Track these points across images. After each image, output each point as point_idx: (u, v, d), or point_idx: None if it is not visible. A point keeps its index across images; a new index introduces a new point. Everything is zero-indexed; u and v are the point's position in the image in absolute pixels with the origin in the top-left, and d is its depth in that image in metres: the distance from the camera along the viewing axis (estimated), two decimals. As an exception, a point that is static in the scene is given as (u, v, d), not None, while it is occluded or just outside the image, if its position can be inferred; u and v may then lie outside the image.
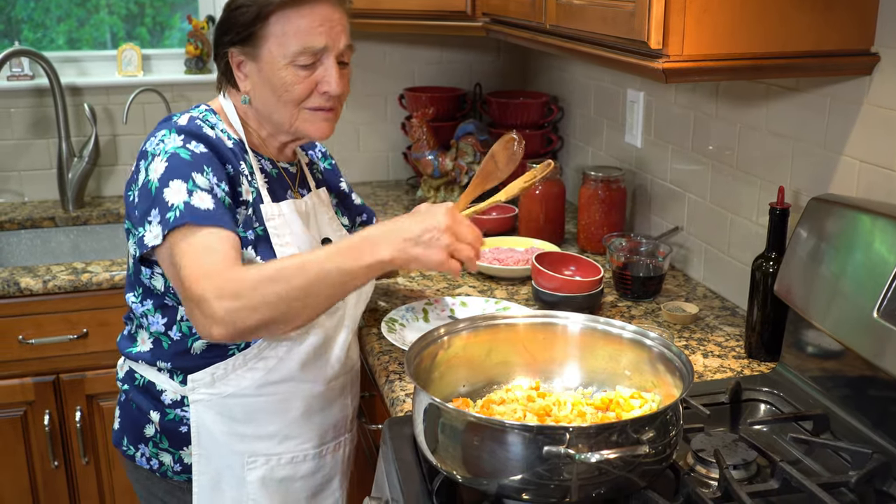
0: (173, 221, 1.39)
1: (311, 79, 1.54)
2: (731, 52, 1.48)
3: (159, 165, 1.45)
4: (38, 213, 2.88)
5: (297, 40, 1.50)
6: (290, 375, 1.59)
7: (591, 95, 2.76)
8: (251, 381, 1.57)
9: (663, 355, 1.39)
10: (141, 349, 1.62)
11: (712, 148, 2.09)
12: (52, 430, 2.44)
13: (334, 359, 1.66)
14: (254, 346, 1.55)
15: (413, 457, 1.40)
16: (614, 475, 1.19)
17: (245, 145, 1.59)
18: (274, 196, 1.60)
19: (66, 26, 3.10)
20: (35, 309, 2.37)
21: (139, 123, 2.99)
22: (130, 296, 1.62)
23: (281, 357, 1.58)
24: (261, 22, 1.51)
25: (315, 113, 1.58)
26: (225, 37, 1.56)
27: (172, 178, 1.43)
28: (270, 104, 1.57)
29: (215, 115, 1.59)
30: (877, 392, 1.45)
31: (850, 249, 1.49)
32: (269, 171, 1.64)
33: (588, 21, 1.69)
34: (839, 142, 1.67)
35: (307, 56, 1.52)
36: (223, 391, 1.57)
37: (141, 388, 1.63)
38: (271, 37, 1.51)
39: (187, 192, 1.41)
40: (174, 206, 1.40)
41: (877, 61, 1.55)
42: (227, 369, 1.56)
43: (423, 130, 2.83)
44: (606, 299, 2.09)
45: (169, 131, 1.50)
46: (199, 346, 1.56)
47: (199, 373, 1.56)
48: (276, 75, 1.52)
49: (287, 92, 1.53)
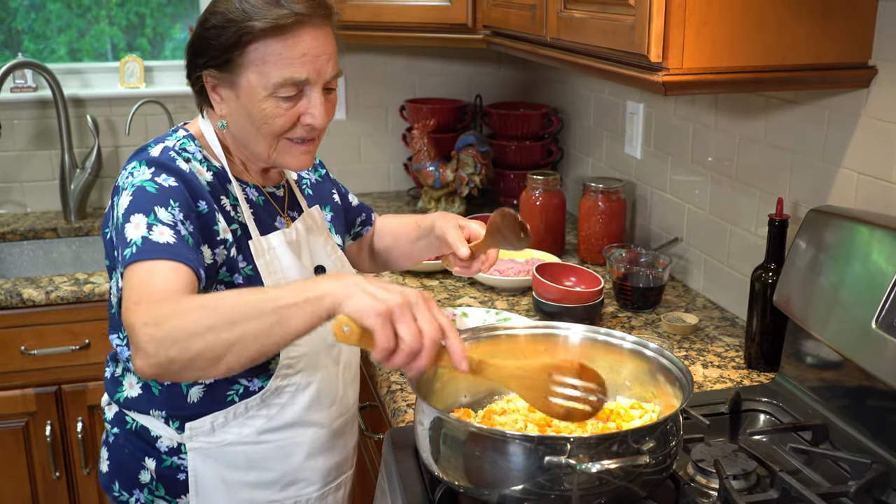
0: (129, 258, 1.27)
1: (294, 110, 1.41)
2: (730, 65, 1.49)
3: (125, 200, 1.33)
4: (41, 223, 2.89)
5: (279, 71, 1.37)
6: (294, 421, 1.51)
7: (591, 107, 2.78)
8: (253, 428, 1.48)
9: (663, 366, 1.39)
10: (129, 394, 1.51)
11: (711, 159, 2.11)
12: (53, 440, 2.44)
13: (338, 400, 1.58)
14: (257, 396, 1.46)
15: (415, 467, 1.41)
16: (615, 485, 1.19)
17: (228, 173, 1.47)
18: (262, 227, 1.49)
19: (66, 37, 3.12)
20: (37, 320, 2.38)
21: (141, 135, 3.01)
22: (115, 338, 1.51)
23: (284, 403, 1.49)
24: (239, 49, 1.37)
25: (296, 145, 1.45)
26: (198, 58, 1.42)
27: (134, 212, 1.31)
28: (248, 134, 1.44)
29: (194, 142, 1.46)
30: (875, 402, 1.46)
31: (848, 260, 1.50)
32: (255, 200, 1.51)
33: (588, 34, 1.70)
34: (837, 154, 1.68)
35: (290, 88, 1.38)
36: (224, 439, 1.47)
37: (133, 432, 1.51)
38: (250, 65, 1.37)
39: (147, 227, 1.29)
40: (131, 241, 1.28)
41: (874, 74, 1.56)
42: (228, 417, 1.47)
43: (424, 142, 2.84)
44: (607, 310, 2.10)
45: (139, 163, 1.38)
46: (195, 394, 1.45)
47: (197, 421, 1.46)
48: (256, 106, 1.39)
49: (266, 124, 1.41)
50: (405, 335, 1.10)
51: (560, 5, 1.82)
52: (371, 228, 1.86)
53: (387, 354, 1.10)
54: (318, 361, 1.50)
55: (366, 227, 1.85)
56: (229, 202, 1.45)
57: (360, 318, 1.09)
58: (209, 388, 1.45)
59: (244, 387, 1.46)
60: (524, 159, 2.95)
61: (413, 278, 2.33)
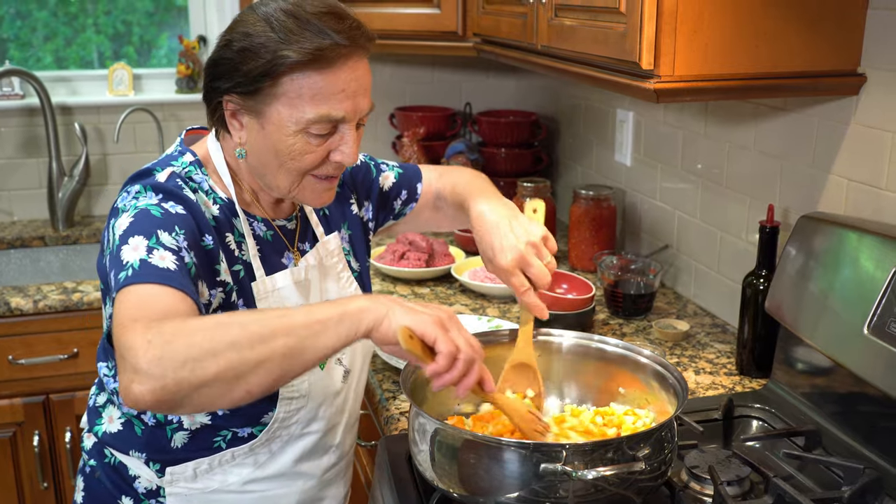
0: (123, 281, 1.13)
1: (324, 147, 1.29)
2: (721, 72, 1.50)
3: (124, 221, 1.21)
4: (28, 232, 2.87)
5: (314, 108, 1.25)
6: (283, 471, 1.42)
7: (581, 115, 2.79)
8: (238, 476, 1.39)
9: (657, 372, 1.39)
10: (108, 429, 1.41)
11: (701, 167, 2.12)
12: (41, 450, 2.42)
13: (332, 450, 1.49)
14: (245, 446, 1.37)
15: (409, 475, 1.40)
16: (610, 492, 1.19)
17: (235, 206, 1.36)
18: (268, 266, 1.39)
19: (52, 45, 3.10)
20: (25, 329, 2.36)
21: (130, 143, 2.99)
22: (103, 366, 1.41)
23: (274, 452, 1.40)
24: (270, 79, 1.24)
25: (321, 181, 1.34)
26: (220, 81, 1.29)
27: (133, 234, 1.18)
28: (269, 167, 1.32)
29: (201, 170, 1.34)
30: (867, 408, 1.46)
31: (839, 266, 1.50)
32: (262, 236, 1.40)
33: (580, 42, 1.71)
34: (827, 160, 1.69)
35: (324, 125, 1.27)
36: (206, 486, 1.38)
37: (112, 467, 1.42)
38: (282, 97, 1.24)
39: (146, 250, 1.16)
40: (127, 264, 1.15)
41: (863, 82, 1.57)
42: (213, 464, 1.38)
43: (413, 149, 2.84)
44: (598, 317, 2.10)
45: (145, 189, 1.27)
46: (179, 439, 1.36)
47: (179, 466, 1.37)
48: (283, 141, 1.27)
49: (294, 161, 1.29)
50: (461, 344, 1.12)
51: (551, 13, 1.82)
52: (415, 205, 1.66)
53: (451, 360, 1.11)
54: (316, 413, 1.43)
55: (409, 205, 1.66)
56: (234, 239, 1.35)
57: (421, 328, 1.09)
58: (194, 434, 1.36)
59: (233, 433, 1.37)
60: (514, 167, 2.96)
61: (404, 286, 2.33)
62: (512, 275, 1.38)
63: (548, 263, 1.39)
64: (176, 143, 1.41)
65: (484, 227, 1.43)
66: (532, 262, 1.37)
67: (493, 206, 1.45)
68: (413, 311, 1.11)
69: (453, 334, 1.12)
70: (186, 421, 1.35)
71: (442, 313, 1.13)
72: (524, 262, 1.37)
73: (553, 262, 1.40)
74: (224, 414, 1.34)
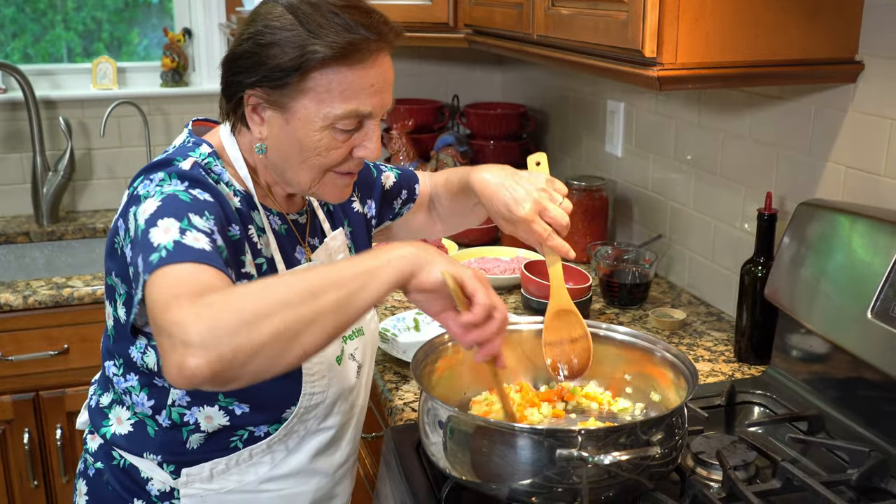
0: (157, 262, 1.08)
1: (349, 143, 1.29)
2: (722, 60, 1.51)
3: (150, 206, 1.17)
4: (12, 228, 2.83)
5: (343, 103, 1.24)
6: (299, 469, 1.41)
7: (569, 106, 2.79)
8: (255, 476, 1.38)
9: (666, 359, 1.40)
10: (118, 431, 1.36)
11: (694, 156, 2.13)
12: (31, 448, 2.40)
13: (345, 445, 1.49)
14: (263, 441, 1.36)
15: (418, 465, 1.40)
16: (623, 478, 1.20)
17: (254, 199, 1.34)
18: (287, 261, 1.37)
19: (21, 42, 3.05)
20: (14, 325, 2.33)
21: (115, 137, 2.96)
22: (110, 365, 1.37)
23: (291, 449, 1.39)
24: (299, 73, 1.21)
25: (342, 177, 1.33)
26: (242, 76, 1.26)
27: (164, 216, 1.14)
28: (291, 162, 1.30)
29: (218, 161, 1.31)
30: (867, 391, 1.48)
31: (839, 252, 1.52)
32: (278, 230, 1.39)
33: (578, 31, 1.71)
34: (824, 148, 1.70)
35: (351, 121, 1.26)
36: (223, 486, 1.36)
37: (121, 469, 1.38)
38: (311, 91, 1.23)
39: (179, 231, 1.12)
40: (160, 245, 1.10)
41: (861, 69, 1.59)
42: (230, 464, 1.36)
43: (402, 142, 2.83)
44: (594, 307, 2.11)
45: (169, 176, 1.22)
46: (196, 440, 1.33)
47: (195, 467, 1.34)
48: (309, 136, 1.26)
49: (319, 156, 1.28)
50: (497, 302, 1.15)
51: (548, 3, 1.82)
52: (413, 205, 1.69)
53: (487, 313, 1.13)
54: (332, 409, 1.42)
55: (407, 205, 1.68)
56: (256, 232, 1.33)
57: (465, 278, 1.12)
58: (211, 436, 1.34)
59: (249, 432, 1.35)
60: (502, 159, 2.95)
61: (398, 278, 2.32)
62: (532, 222, 1.42)
63: (561, 204, 1.45)
64: (185, 135, 1.37)
65: (490, 189, 1.48)
66: (547, 205, 1.43)
67: (492, 171, 1.52)
68: (455, 262, 1.14)
69: (491, 292, 1.15)
70: (203, 423, 1.32)
71: (480, 273, 1.17)
72: (540, 207, 1.43)
73: (567, 203, 1.46)
74: (244, 413, 1.32)
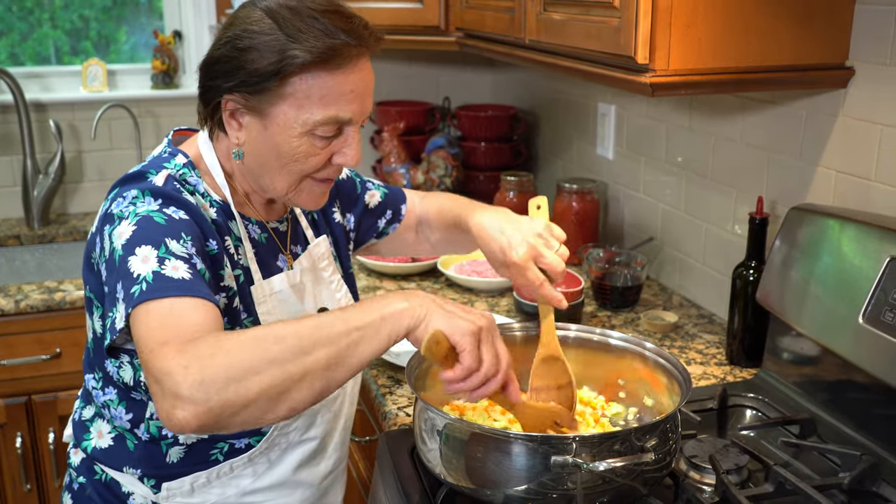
0: (138, 297, 1.09)
1: (328, 149, 1.27)
2: (714, 66, 1.52)
3: (125, 230, 1.16)
4: (3, 231, 2.82)
5: (322, 109, 1.22)
6: (282, 480, 1.40)
7: (560, 109, 2.80)
8: (237, 489, 1.37)
9: (660, 364, 1.41)
10: (98, 444, 1.35)
11: (685, 159, 2.14)
12: (24, 452, 2.39)
13: (329, 455, 1.48)
14: (244, 455, 1.35)
15: (413, 471, 1.41)
16: (618, 483, 1.20)
17: (231, 208, 1.32)
18: (265, 270, 1.35)
19: (7, 41, 3.03)
20: (6, 329, 2.33)
21: (105, 139, 2.95)
22: (90, 378, 1.36)
23: (273, 461, 1.38)
24: (278, 79, 1.19)
25: (319, 184, 1.31)
26: (220, 80, 1.23)
27: (140, 244, 1.14)
28: (268, 168, 1.28)
29: (194, 172, 1.30)
30: (859, 395, 1.49)
31: (830, 256, 1.53)
32: (257, 238, 1.37)
33: (570, 36, 1.71)
34: (815, 153, 1.72)
35: (331, 127, 1.24)
36: (205, 500, 1.35)
37: (103, 483, 1.37)
38: (290, 97, 1.21)
39: (157, 261, 1.12)
40: (140, 277, 1.10)
41: (851, 75, 1.60)
42: (211, 477, 1.34)
43: (393, 144, 2.84)
44: (586, 309, 2.12)
45: (143, 193, 1.21)
46: (175, 454, 1.32)
47: (176, 481, 1.33)
48: (288, 142, 1.24)
49: (296, 163, 1.26)
50: (487, 359, 1.12)
51: (540, 7, 1.83)
52: (399, 225, 1.68)
53: (468, 375, 1.11)
54: (314, 420, 1.41)
55: (392, 224, 1.67)
56: (232, 242, 1.31)
57: (456, 336, 1.09)
58: (190, 448, 1.33)
59: (230, 444, 1.34)
60: (493, 161, 2.96)
61: (390, 281, 2.33)
62: (527, 269, 1.40)
63: (558, 252, 1.42)
64: (164, 144, 1.35)
65: (488, 234, 1.46)
66: (543, 252, 1.41)
67: (490, 215, 1.49)
68: (451, 316, 1.10)
69: (484, 348, 1.12)
70: (182, 435, 1.31)
71: (482, 321, 1.13)
72: (536, 253, 1.40)
73: (564, 250, 1.44)
74: None
